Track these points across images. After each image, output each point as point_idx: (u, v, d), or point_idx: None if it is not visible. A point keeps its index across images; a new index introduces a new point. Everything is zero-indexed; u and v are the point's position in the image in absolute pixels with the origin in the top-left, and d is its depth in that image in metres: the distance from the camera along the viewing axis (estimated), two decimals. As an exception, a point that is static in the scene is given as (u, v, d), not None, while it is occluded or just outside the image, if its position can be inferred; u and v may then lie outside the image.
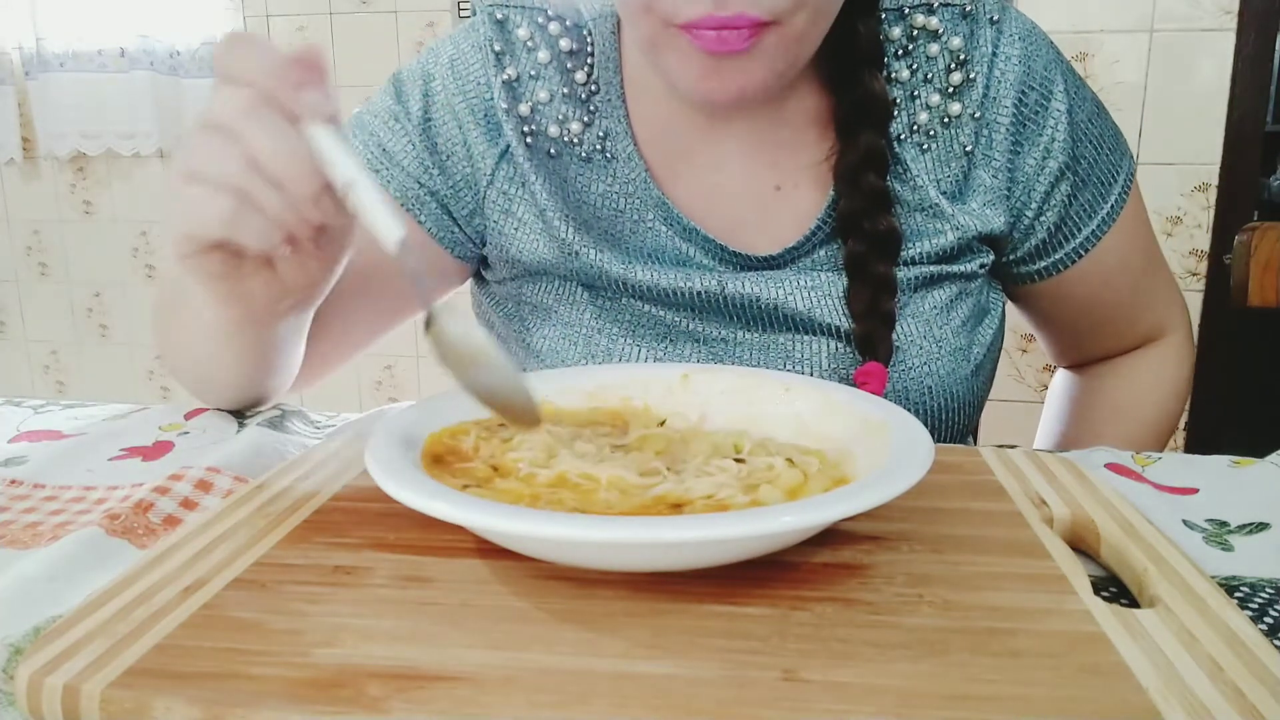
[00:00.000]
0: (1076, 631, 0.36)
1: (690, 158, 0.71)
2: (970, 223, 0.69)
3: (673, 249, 0.70)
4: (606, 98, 0.71)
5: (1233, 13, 1.94)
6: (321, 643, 0.36)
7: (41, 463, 0.61)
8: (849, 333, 0.68)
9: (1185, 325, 0.83)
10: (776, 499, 0.42)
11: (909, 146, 0.69)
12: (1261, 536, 0.49)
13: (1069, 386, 0.87)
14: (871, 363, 0.66)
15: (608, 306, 0.71)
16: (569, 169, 0.72)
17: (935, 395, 0.69)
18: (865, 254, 0.67)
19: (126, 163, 2.60)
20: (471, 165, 0.72)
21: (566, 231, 0.70)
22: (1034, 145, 0.69)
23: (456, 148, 0.72)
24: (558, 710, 0.32)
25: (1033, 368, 2.17)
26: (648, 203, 0.70)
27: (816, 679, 0.33)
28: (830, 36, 0.64)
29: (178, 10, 2.41)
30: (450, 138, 0.72)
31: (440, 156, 0.72)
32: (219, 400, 0.71)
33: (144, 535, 0.50)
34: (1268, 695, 0.31)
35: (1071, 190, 0.71)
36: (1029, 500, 0.48)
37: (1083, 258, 0.73)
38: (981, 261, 0.71)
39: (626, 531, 0.35)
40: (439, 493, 0.39)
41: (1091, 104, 0.72)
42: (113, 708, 0.33)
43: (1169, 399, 0.82)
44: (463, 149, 0.72)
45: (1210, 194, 2.02)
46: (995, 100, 0.68)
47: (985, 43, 0.68)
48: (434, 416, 0.50)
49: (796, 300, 0.68)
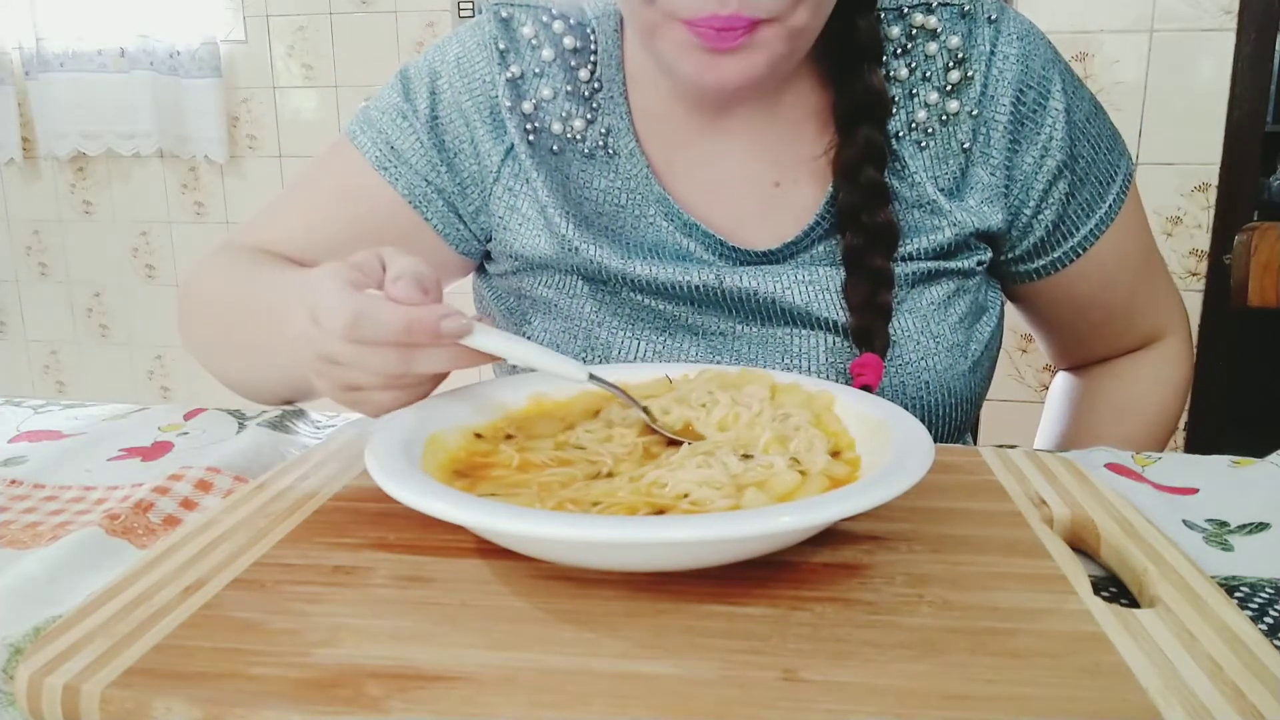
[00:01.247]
0: (1076, 631, 0.36)
1: (691, 154, 0.71)
2: (968, 219, 0.69)
3: (673, 244, 0.71)
4: (609, 95, 0.72)
5: (1233, 13, 1.94)
6: (321, 643, 0.36)
7: (41, 463, 0.61)
8: (847, 327, 0.68)
9: (1184, 327, 0.84)
10: (762, 504, 0.42)
11: (907, 144, 0.69)
12: (1261, 536, 0.49)
13: (1068, 388, 0.87)
14: (868, 354, 0.66)
15: (607, 300, 0.71)
16: (571, 165, 0.72)
17: (933, 390, 0.69)
18: (863, 247, 0.67)
19: (126, 163, 2.60)
20: (478, 163, 0.73)
21: (566, 228, 0.70)
22: (1032, 143, 0.70)
23: (464, 145, 0.73)
24: (558, 710, 0.32)
25: (1033, 368, 2.17)
26: (649, 198, 0.71)
27: (816, 679, 0.33)
28: (829, 32, 0.64)
29: (178, 10, 2.41)
30: (458, 135, 0.73)
31: (448, 154, 0.73)
32: (253, 397, 0.75)
33: (144, 535, 0.50)
34: (1268, 695, 0.31)
35: (1069, 189, 0.71)
36: (1029, 500, 0.48)
37: (1081, 256, 0.73)
38: (979, 259, 0.71)
39: (626, 531, 0.35)
40: (439, 493, 0.39)
41: (1089, 104, 0.72)
42: (113, 708, 0.33)
43: (1169, 400, 0.82)
44: (470, 147, 0.73)
45: (1210, 194, 2.02)
46: (993, 98, 0.69)
47: (983, 41, 0.69)
48: (434, 416, 0.50)
49: (794, 294, 0.68)
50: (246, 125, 2.52)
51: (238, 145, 2.53)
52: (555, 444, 0.50)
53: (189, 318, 0.77)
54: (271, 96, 2.48)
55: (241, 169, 2.55)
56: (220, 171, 2.56)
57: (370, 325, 0.47)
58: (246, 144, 2.53)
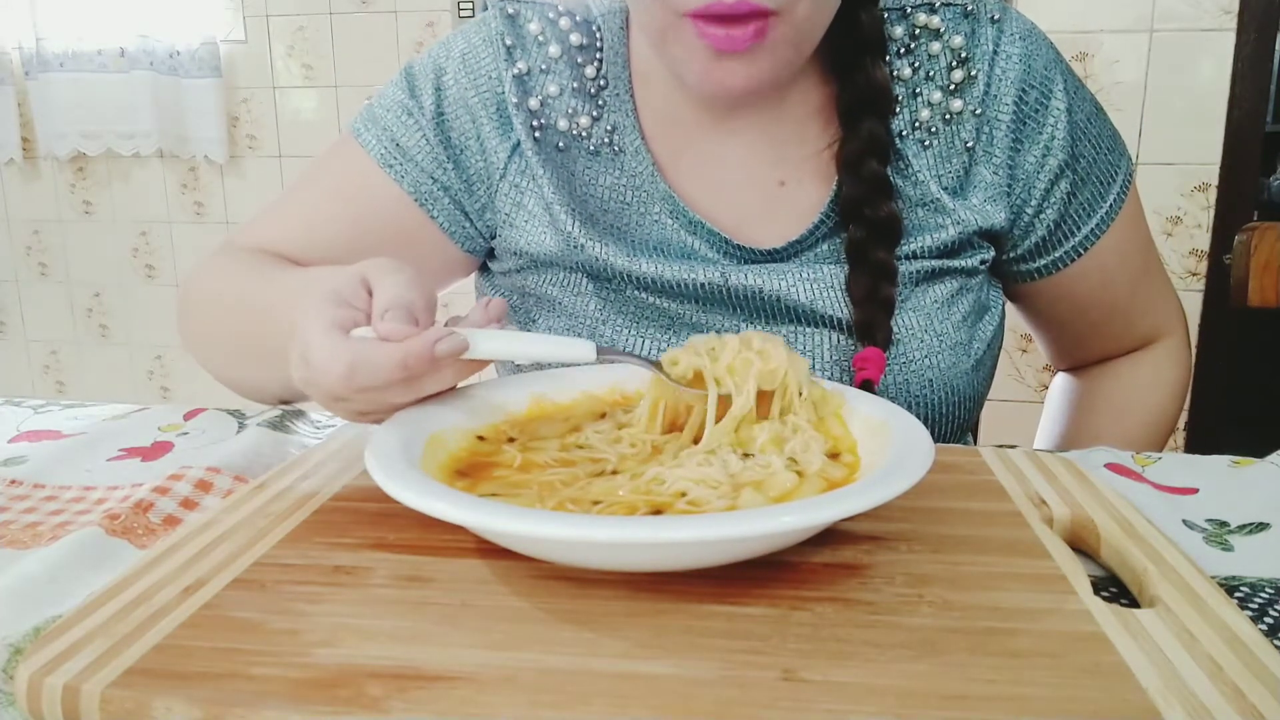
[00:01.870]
0: (1076, 631, 0.36)
1: (696, 152, 0.71)
2: (971, 218, 0.69)
3: (678, 242, 0.71)
4: (615, 92, 0.72)
5: (1233, 13, 1.94)
6: (321, 643, 0.36)
7: (41, 463, 0.61)
8: (851, 324, 0.68)
9: (1182, 328, 0.84)
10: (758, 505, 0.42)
11: (911, 143, 0.70)
12: (1261, 536, 0.49)
13: (1068, 389, 0.88)
14: (870, 348, 0.66)
15: (612, 298, 0.71)
16: (576, 162, 0.72)
17: (936, 389, 0.69)
18: (865, 240, 0.68)
19: (126, 163, 2.60)
20: (485, 160, 0.73)
21: (571, 225, 0.70)
22: (1034, 143, 0.70)
23: (470, 142, 0.73)
24: (558, 710, 0.32)
25: (1033, 368, 2.17)
26: (654, 196, 0.71)
27: (816, 679, 0.33)
28: (833, 27, 0.64)
29: (178, 10, 2.41)
30: (464, 132, 0.73)
31: (454, 151, 0.73)
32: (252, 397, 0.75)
33: (144, 535, 0.50)
34: (1268, 695, 0.31)
35: (1071, 188, 0.71)
36: (1029, 500, 0.48)
37: (1082, 256, 0.74)
38: (982, 257, 0.71)
39: (626, 532, 0.35)
40: (439, 493, 0.39)
41: (1090, 104, 0.72)
42: (113, 708, 0.33)
43: (1168, 401, 0.82)
44: (476, 143, 0.73)
45: (1210, 194, 2.02)
46: (996, 97, 0.69)
47: (986, 41, 0.69)
48: (434, 416, 0.50)
49: (799, 292, 0.68)
50: (246, 125, 2.52)
51: (238, 145, 2.53)
52: (561, 445, 0.50)
53: (189, 319, 0.76)
54: (271, 96, 2.48)
55: (241, 169, 2.55)
56: (220, 171, 2.56)
57: (367, 371, 0.47)
58: (246, 144, 2.53)
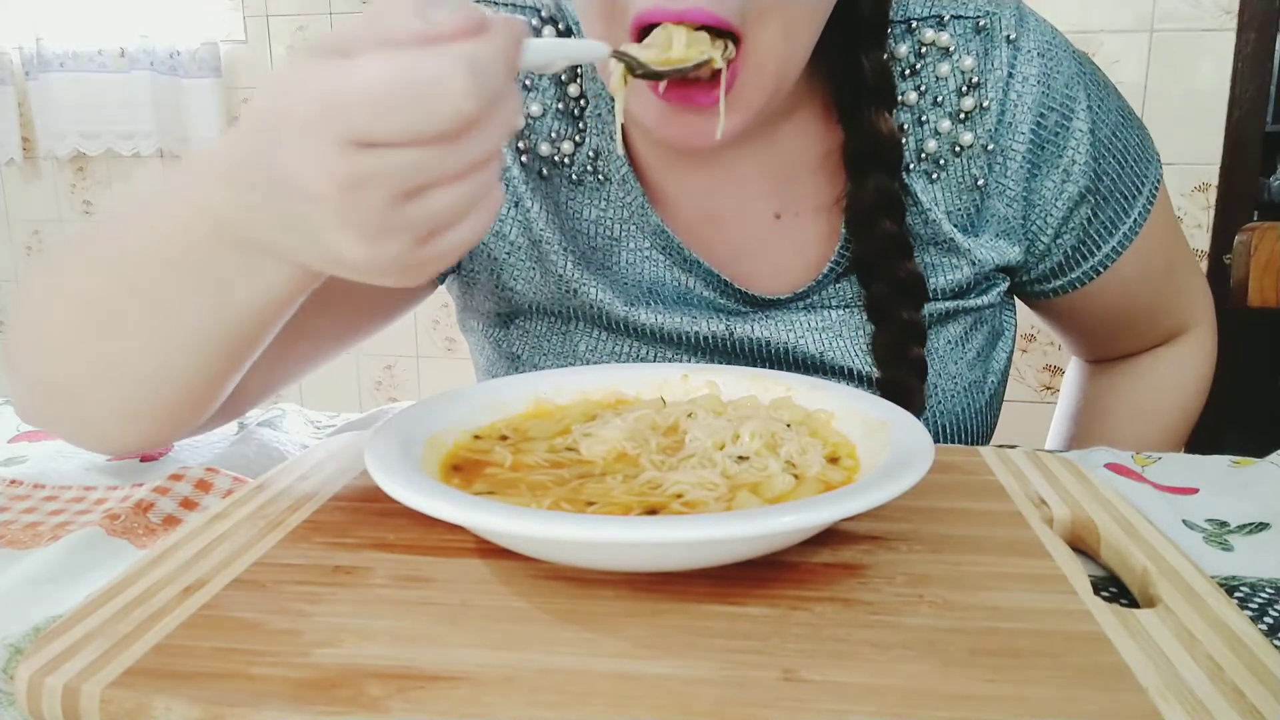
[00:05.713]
0: (1076, 631, 0.36)
1: (683, 183, 0.67)
2: (987, 256, 0.66)
3: (672, 281, 0.67)
4: (596, 111, 0.67)
5: (1233, 13, 1.94)
6: (321, 643, 0.36)
7: (41, 463, 0.61)
8: (864, 374, 0.65)
9: (1209, 318, 0.81)
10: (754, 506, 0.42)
11: (917, 176, 0.65)
12: (1261, 536, 0.49)
13: (1088, 384, 0.85)
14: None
15: (604, 339, 0.68)
16: (560, 192, 0.68)
17: (949, 434, 0.67)
18: (889, 299, 0.64)
19: (126, 163, 2.60)
20: None
21: (565, 266, 0.66)
22: (1053, 168, 0.65)
23: None
24: (558, 710, 0.32)
25: (1033, 368, 2.17)
26: (645, 230, 0.67)
27: (816, 679, 0.33)
28: (831, 70, 0.61)
29: (178, 10, 2.41)
30: None
31: None
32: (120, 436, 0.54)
33: (144, 535, 0.50)
34: (1268, 695, 0.31)
35: (1091, 212, 0.68)
36: (1029, 500, 0.48)
37: (1100, 275, 0.70)
38: (998, 290, 0.68)
39: (626, 531, 0.35)
40: (439, 493, 0.39)
41: (1116, 114, 0.68)
42: (113, 708, 0.33)
43: (1190, 398, 0.80)
44: None
45: (1210, 194, 2.02)
46: (1011, 126, 0.64)
47: (1000, 65, 0.63)
48: (434, 416, 0.50)
49: (808, 343, 0.65)
50: (246, 125, 2.51)
51: (238, 145, 2.53)
52: (549, 447, 0.50)
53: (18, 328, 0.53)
54: (271, 96, 2.48)
55: (241, 169, 2.55)
56: (220, 171, 2.56)
57: (479, 67, 0.35)
58: (246, 144, 2.52)
